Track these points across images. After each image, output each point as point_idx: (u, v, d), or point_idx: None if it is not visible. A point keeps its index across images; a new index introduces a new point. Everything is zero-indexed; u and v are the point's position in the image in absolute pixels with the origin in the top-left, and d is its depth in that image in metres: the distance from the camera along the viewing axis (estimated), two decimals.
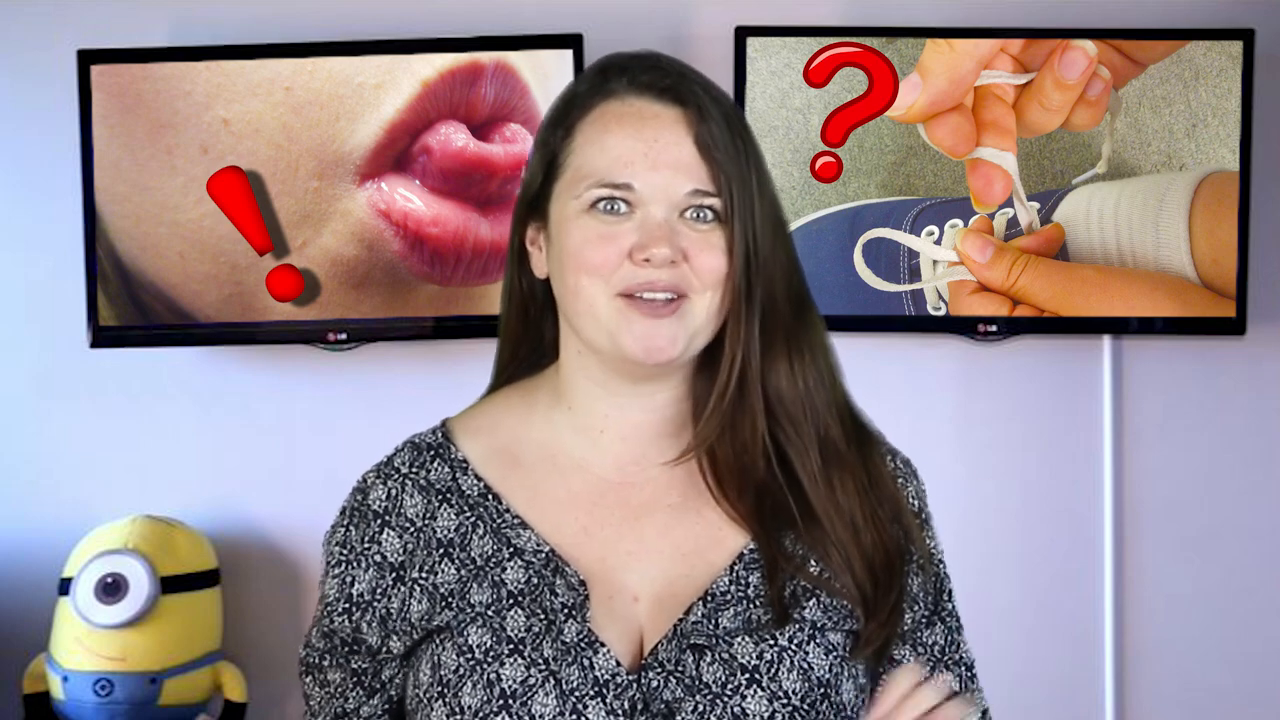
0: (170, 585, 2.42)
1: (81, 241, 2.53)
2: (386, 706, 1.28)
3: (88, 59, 2.51)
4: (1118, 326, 2.54)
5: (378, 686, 1.27)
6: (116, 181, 2.51)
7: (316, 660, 1.28)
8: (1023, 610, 2.65)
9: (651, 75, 1.24)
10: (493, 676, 1.16)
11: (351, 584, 1.25)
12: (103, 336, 2.53)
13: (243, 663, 2.53)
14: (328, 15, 2.60)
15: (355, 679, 1.27)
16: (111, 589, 2.38)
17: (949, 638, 1.32)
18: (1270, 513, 2.65)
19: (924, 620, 1.29)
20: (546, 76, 2.49)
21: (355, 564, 1.25)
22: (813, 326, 1.27)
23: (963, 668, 1.33)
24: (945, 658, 1.32)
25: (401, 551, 1.24)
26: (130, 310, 2.52)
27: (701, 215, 1.21)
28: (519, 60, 2.49)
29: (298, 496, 2.58)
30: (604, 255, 1.19)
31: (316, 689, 1.29)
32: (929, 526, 1.32)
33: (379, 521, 1.25)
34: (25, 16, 2.65)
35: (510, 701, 1.15)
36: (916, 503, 1.31)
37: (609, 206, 1.20)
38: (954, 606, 1.33)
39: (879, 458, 1.29)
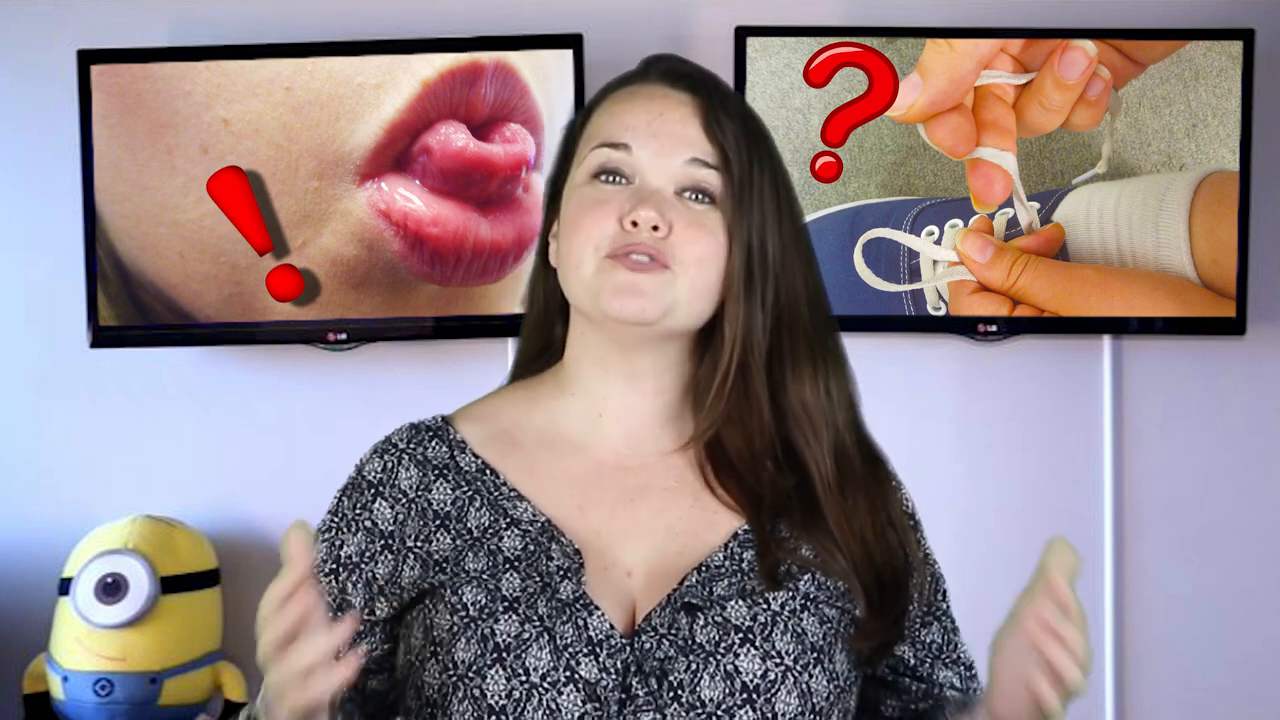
0: (170, 585, 2.42)
1: (81, 241, 2.53)
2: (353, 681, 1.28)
3: (88, 59, 2.51)
4: (1118, 326, 2.54)
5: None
6: (116, 181, 2.51)
7: None
8: None
9: (674, 65, 1.29)
10: (486, 632, 1.17)
11: (340, 547, 1.25)
12: (103, 336, 2.53)
13: (243, 663, 2.53)
14: (328, 15, 2.60)
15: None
16: (111, 589, 2.38)
17: (946, 637, 1.33)
18: (1270, 513, 2.65)
19: (919, 619, 1.31)
20: (546, 76, 2.49)
21: (345, 529, 1.26)
22: (837, 347, 1.29)
23: (961, 667, 1.34)
24: (944, 656, 1.33)
25: (392, 521, 1.25)
26: (130, 310, 2.52)
27: (699, 197, 1.23)
28: (519, 60, 2.49)
29: (298, 496, 2.54)
30: (596, 219, 1.21)
31: None
32: (920, 531, 1.33)
33: (372, 491, 1.26)
34: (25, 16, 2.65)
35: (504, 655, 1.16)
36: (909, 505, 1.32)
37: (609, 178, 1.23)
38: (949, 608, 1.34)
39: (888, 478, 1.30)
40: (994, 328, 2.53)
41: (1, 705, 2.59)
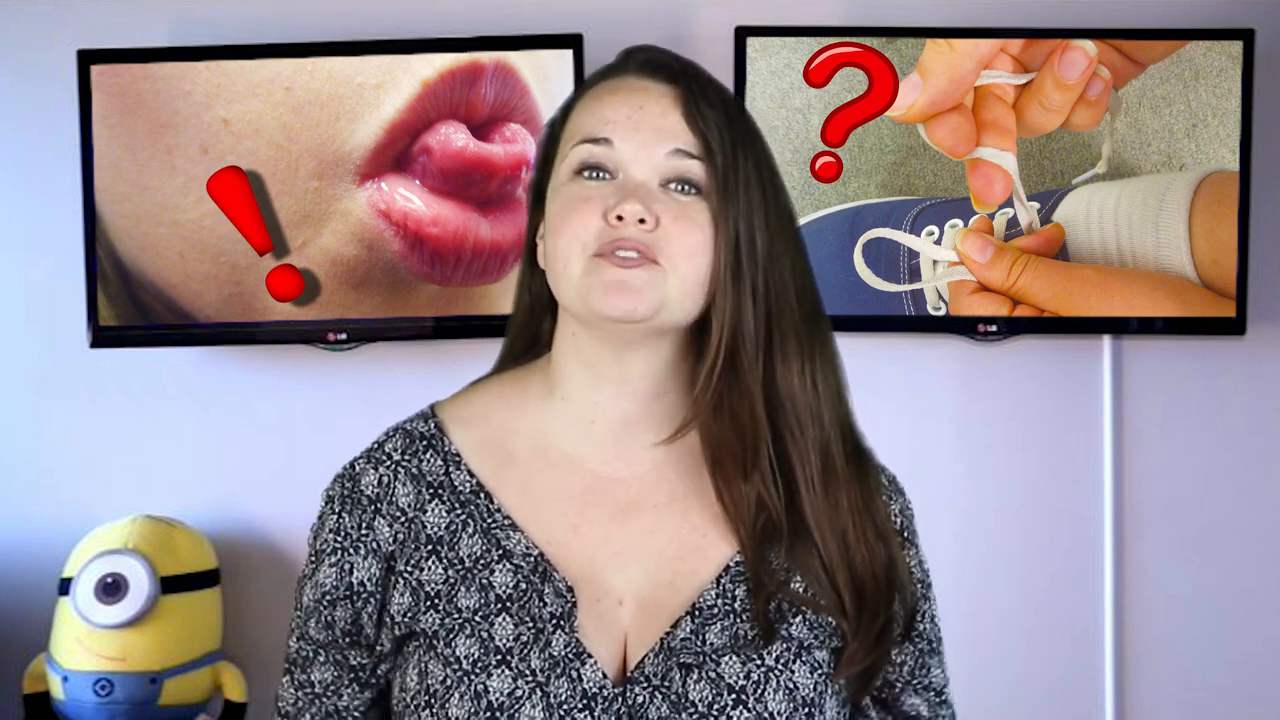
0: (170, 585, 2.42)
1: (81, 241, 2.53)
2: (374, 697, 1.27)
3: (88, 59, 2.51)
4: (1118, 326, 2.54)
5: (373, 681, 1.26)
6: (116, 181, 2.51)
7: (310, 654, 1.27)
8: (1023, 610, 2.65)
9: (653, 56, 1.26)
10: (480, 688, 1.15)
11: (350, 572, 1.24)
12: (103, 336, 2.53)
13: (243, 663, 2.53)
14: (328, 15, 2.60)
15: (352, 674, 1.26)
16: (111, 589, 2.38)
17: (918, 660, 1.31)
18: (1270, 513, 2.65)
19: (896, 640, 1.28)
20: (546, 76, 2.49)
21: (353, 551, 1.24)
22: (825, 338, 1.26)
23: (930, 693, 1.32)
24: (914, 681, 1.31)
25: (392, 541, 1.23)
26: (130, 310, 2.52)
27: (684, 188, 1.21)
28: (519, 60, 2.49)
29: (298, 496, 2.55)
30: (582, 216, 1.19)
31: (292, 689, 1.28)
32: (910, 546, 1.30)
33: (372, 508, 1.24)
34: (25, 16, 2.65)
35: (498, 714, 1.15)
36: (899, 520, 1.30)
37: (592, 174, 1.21)
38: (928, 629, 1.31)
39: (874, 479, 1.28)
40: (994, 328, 2.53)
41: (1, 705, 2.59)
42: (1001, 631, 2.63)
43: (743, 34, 2.51)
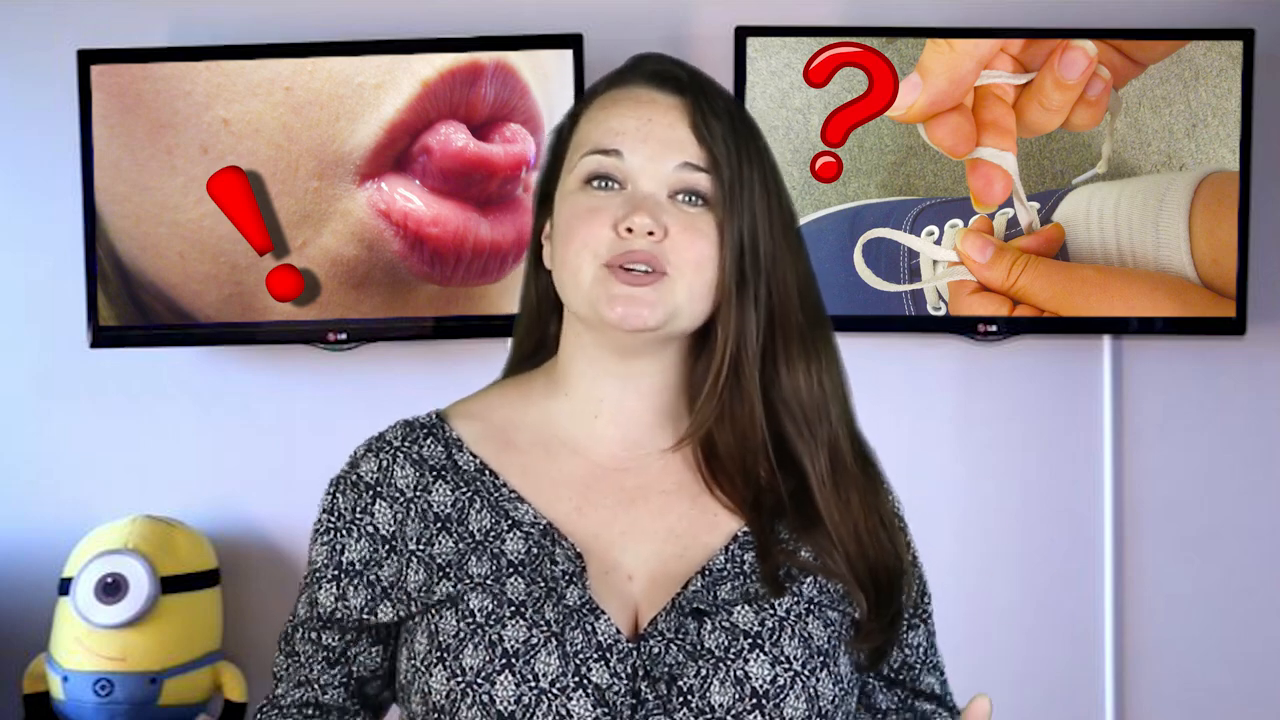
0: (170, 585, 2.42)
1: (81, 241, 2.54)
2: (345, 679, 1.30)
3: (88, 59, 2.51)
4: (1118, 326, 2.55)
5: (341, 660, 1.30)
6: (116, 181, 2.51)
7: (290, 631, 1.31)
8: (1023, 610, 2.65)
9: (660, 66, 1.28)
10: (494, 638, 1.17)
11: (341, 552, 1.26)
12: (103, 336, 2.53)
13: (243, 663, 2.53)
14: (328, 15, 2.61)
15: (324, 653, 1.29)
16: (111, 589, 2.38)
17: (930, 640, 1.35)
18: (1270, 513, 2.65)
19: (905, 622, 1.31)
20: (546, 76, 2.49)
21: (346, 532, 1.26)
22: (828, 339, 1.29)
23: (939, 672, 1.36)
24: (928, 660, 1.34)
25: (392, 522, 1.25)
26: (130, 310, 2.52)
27: (691, 200, 1.23)
28: (519, 60, 2.49)
29: (298, 496, 2.56)
30: (591, 227, 1.21)
31: (283, 659, 1.32)
32: (907, 533, 1.34)
33: (370, 493, 1.26)
34: (25, 16, 2.65)
35: (513, 660, 1.16)
36: (898, 507, 1.33)
37: (601, 184, 1.23)
38: (932, 612, 1.35)
39: (878, 475, 1.31)
40: (994, 328, 2.53)
41: (1, 705, 2.59)
42: (1001, 631, 2.63)
43: (743, 34, 2.51)
